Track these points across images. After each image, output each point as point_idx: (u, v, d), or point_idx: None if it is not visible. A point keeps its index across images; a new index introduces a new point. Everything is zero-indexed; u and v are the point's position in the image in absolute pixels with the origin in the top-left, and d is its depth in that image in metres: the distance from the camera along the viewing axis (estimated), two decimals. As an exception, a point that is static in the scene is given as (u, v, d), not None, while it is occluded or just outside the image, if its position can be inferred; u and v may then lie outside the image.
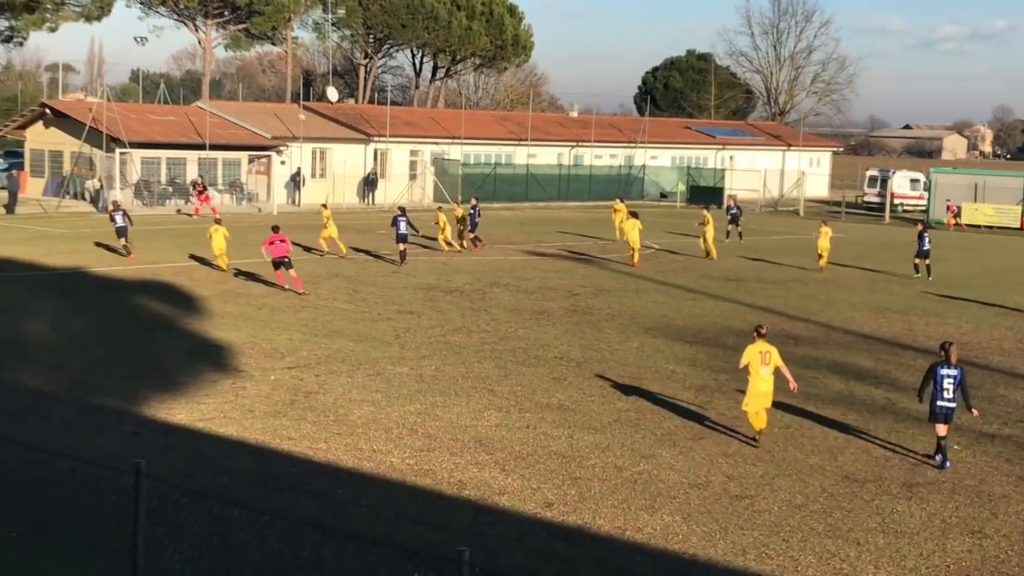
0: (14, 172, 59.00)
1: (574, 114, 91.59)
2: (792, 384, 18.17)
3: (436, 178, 70.60)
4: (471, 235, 44.15)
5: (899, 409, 20.59)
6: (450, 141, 72.42)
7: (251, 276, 34.01)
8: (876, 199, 77.15)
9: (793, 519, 14.66)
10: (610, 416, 19.41)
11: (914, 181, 78.89)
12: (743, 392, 18.48)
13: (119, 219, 38.07)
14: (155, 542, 11.45)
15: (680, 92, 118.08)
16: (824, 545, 13.84)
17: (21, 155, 67.22)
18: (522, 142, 75.98)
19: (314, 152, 66.80)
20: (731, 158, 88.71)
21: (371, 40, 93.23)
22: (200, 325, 26.33)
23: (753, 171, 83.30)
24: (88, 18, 64.85)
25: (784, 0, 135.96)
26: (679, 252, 45.81)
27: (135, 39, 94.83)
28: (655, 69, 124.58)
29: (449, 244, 43.15)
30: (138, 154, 58.14)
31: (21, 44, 74.03)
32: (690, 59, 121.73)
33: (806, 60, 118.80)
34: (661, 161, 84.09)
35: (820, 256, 40.98)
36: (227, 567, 12.11)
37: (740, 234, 50.14)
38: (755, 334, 18.56)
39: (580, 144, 79.89)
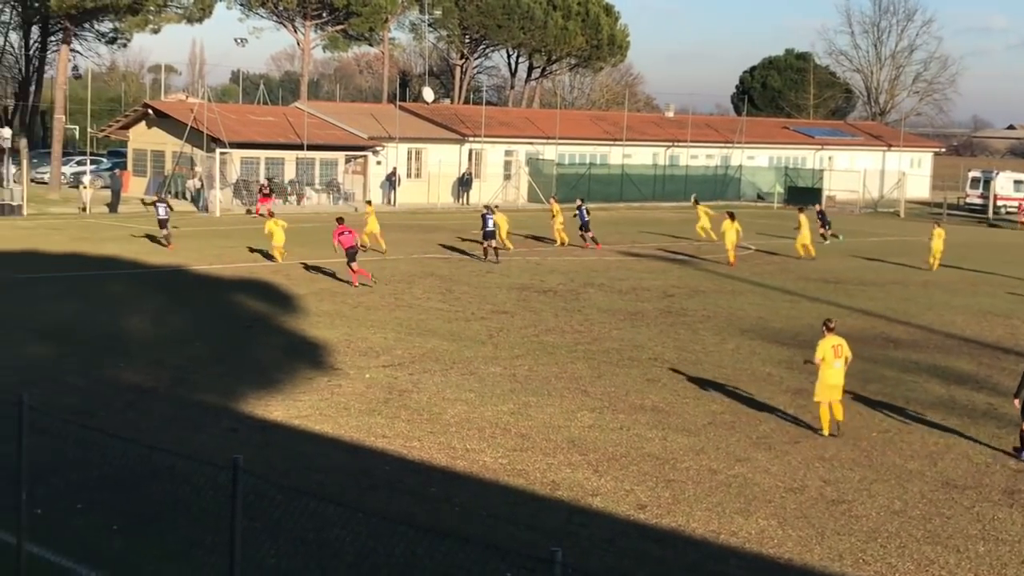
0: (117, 171, 60.18)
1: (670, 114, 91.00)
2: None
3: (530, 178, 70.63)
4: (589, 234, 44.58)
5: (1001, 414, 20.17)
6: (545, 141, 72.40)
7: (318, 270, 34.33)
8: (978, 201, 75.65)
9: (891, 525, 14.43)
10: (705, 418, 19.27)
11: (1018, 182, 77.15)
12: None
13: (161, 211, 39.90)
14: (252, 537, 11.59)
15: (778, 92, 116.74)
16: (923, 552, 13.61)
17: (124, 155, 68.54)
18: (617, 142, 75.70)
19: (409, 152, 67.21)
20: (830, 158, 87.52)
21: (467, 40, 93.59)
22: (296, 323, 26.63)
23: (852, 172, 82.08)
24: (190, 20, 65.82)
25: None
26: (776, 253, 45.32)
27: (235, 40, 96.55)
28: (753, 68, 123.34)
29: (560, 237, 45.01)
30: (238, 154, 58.96)
31: (125, 46, 75.49)
32: (789, 58, 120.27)
33: (907, 59, 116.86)
34: (758, 161, 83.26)
35: (933, 258, 40.65)
36: (322, 563, 12.23)
37: (824, 235, 49.33)
38: (824, 329, 19.03)
39: (676, 144, 79.41)
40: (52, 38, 72.68)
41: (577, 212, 45.25)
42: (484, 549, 11.17)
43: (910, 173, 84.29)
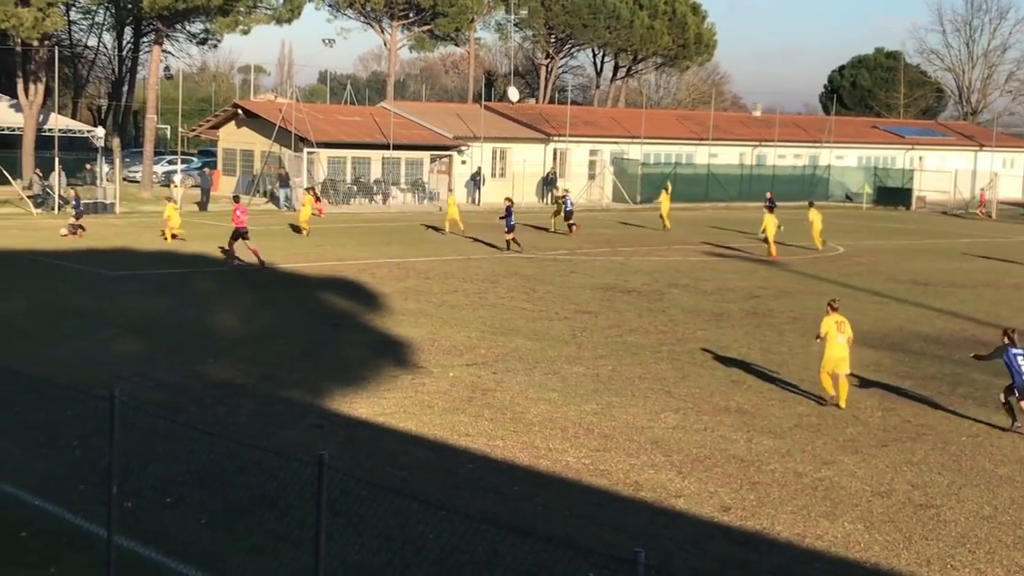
0: (207, 170, 61.04)
1: (757, 113, 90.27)
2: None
3: (615, 178, 70.46)
4: (572, 223, 47.92)
5: (1096, 420, 19.72)
6: (630, 141, 72.21)
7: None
8: (1073, 201, 74.13)
9: (980, 530, 14.19)
10: (790, 421, 19.10)
11: (1115, 183, 75.53)
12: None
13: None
14: (336, 533, 11.69)
15: (868, 91, 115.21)
16: (1012, 558, 13.36)
17: (214, 154, 69.51)
18: (703, 142, 75.27)
19: (494, 152, 67.38)
20: (920, 159, 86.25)
21: (552, 40, 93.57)
22: (381, 321, 26.82)
23: (943, 172, 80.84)
24: (279, 21, 66.52)
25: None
26: (864, 254, 44.78)
27: (323, 41, 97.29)
28: (842, 67, 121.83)
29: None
30: (325, 154, 59.53)
31: (215, 46, 76.69)
32: (878, 57, 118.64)
33: (1000, 58, 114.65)
34: (847, 161, 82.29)
35: None
36: (405, 559, 12.30)
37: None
38: (828, 308, 21.02)
39: (763, 144, 78.76)
40: (144, 39, 73.95)
41: (562, 201, 48.91)
42: (566, 549, 11.16)
43: (1002, 173, 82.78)
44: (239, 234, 35.17)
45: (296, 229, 45.34)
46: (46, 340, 23.42)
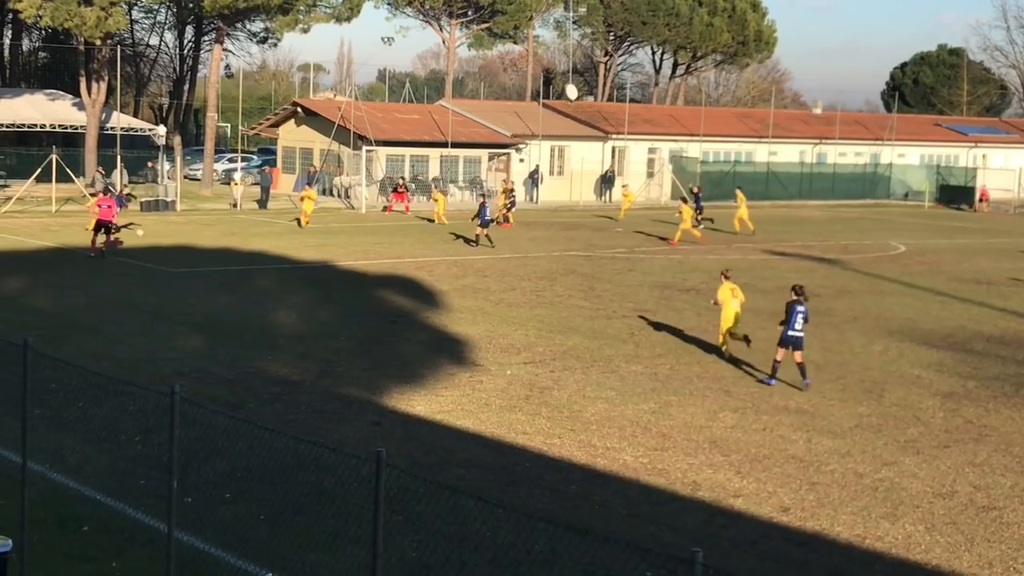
0: (267, 168, 61.49)
1: (818, 111, 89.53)
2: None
3: (674, 176, 70.18)
4: (699, 216, 49.34)
5: None
6: (689, 139, 71.88)
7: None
8: None
9: (1045, 534, 13.98)
10: (850, 421, 18.91)
11: None
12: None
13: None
14: (394, 529, 11.72)
15: (930, 88, 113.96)
16: (1079, 563, 13.15)
17: (274, 152, 69.99)
18: (763, 139, 74.76)
19: (552, 150, 67.32)
20: (984, 156, 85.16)
21: (611, 38, 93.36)
22: (439, 319, 26.87)
23: (1007, 170, 79.75)
24: (338, 19, 66.85)
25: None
26: (926, 253, 44.30)
27: (382, 39, 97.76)
28: (904, 64, 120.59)
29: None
30: (383, 152, 59.77)
31: (275, 45, 77.12)
32: (941, 54, 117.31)
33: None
34: (909, 159, 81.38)
35: None
36: (462, 557, 12.31)
37: (699, 220, 49.86)
38: (723, 277, 23.92)
39: (824, 141, 78.10)
40: (205, 38, 74.63)
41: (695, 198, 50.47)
42: (624, 548, 11.11)
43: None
44: (101, 225, 35.35)
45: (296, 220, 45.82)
46: (108, 336, 23.70)
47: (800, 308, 21.14)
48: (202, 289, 30.27)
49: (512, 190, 52.28)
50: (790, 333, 21.04)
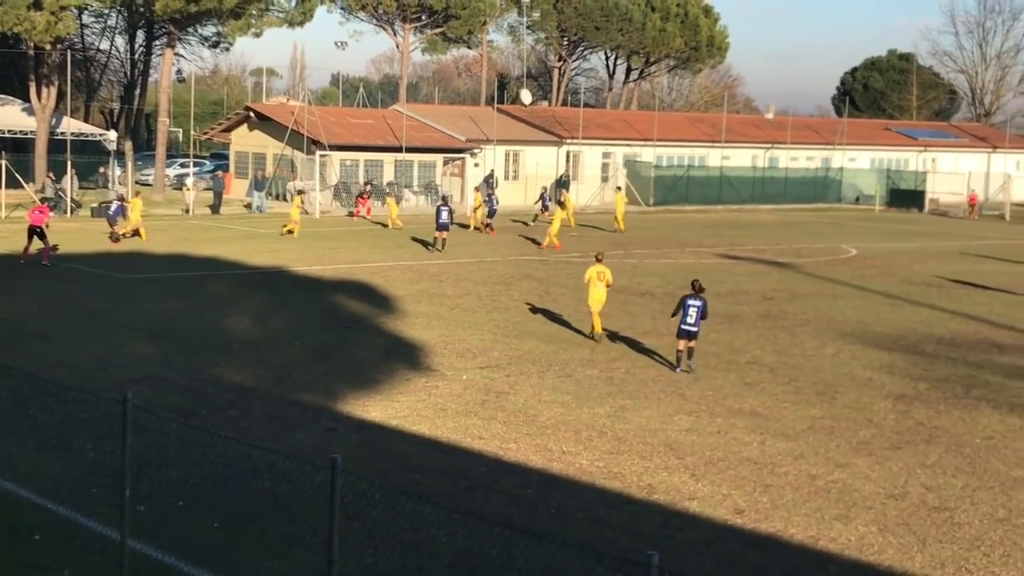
0: (219, 173, 61.15)
1: (770, 115, 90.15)
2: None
3: (628, 180, 70.44)
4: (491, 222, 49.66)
5: (1112, 423, 19.65)
6: (643, 143, 72.18)
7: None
8: (1087, 203, 73.86)
9: (994, 533, 14.14)
10: (804, 423, 19.05)
11: None
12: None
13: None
14: (349, 536, 11.68)
15: (880, 93, 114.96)
16: (1029, 562, 13.31)
17: (226, 157, 69.61)
18: (716, 144, 75.20)
19: (507, 154, 67.39)
20: (933, 160, 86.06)
21: (565, 43, 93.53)
22: (395, 324, 26.82)
23: (956, 174, 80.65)
24: (291, 24, 66.60)
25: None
26: (877, 257, 44.69)
27: (335, 44, 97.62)
28: (854, 69, 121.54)
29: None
30: (337, 156, 59.60)
31: (227, 49, 76.54)
32: (891, 59, 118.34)
33: (1014, 59, 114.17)
34: (860, 163, 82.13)
35: None
36: (419, 563, 12.29)
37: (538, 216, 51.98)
38: (595, 259, 26.39)
39: (776, 146, 78.65)
40: (156, 42, 73.98)
41: (487, 200, 50.49)
42: (580, 552, 11.14)
43: (1016, 175, 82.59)
44: (34, 231, 35.02)
45: (289, 231, 45.27)
46: (60, 343, 23.48)
47: (693, 303, 22.34)
48: (155, 295, 30.06)
49: (490, 196, 51.81)
50: (683, 326, 22.33)
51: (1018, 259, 40.89)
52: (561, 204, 46.55)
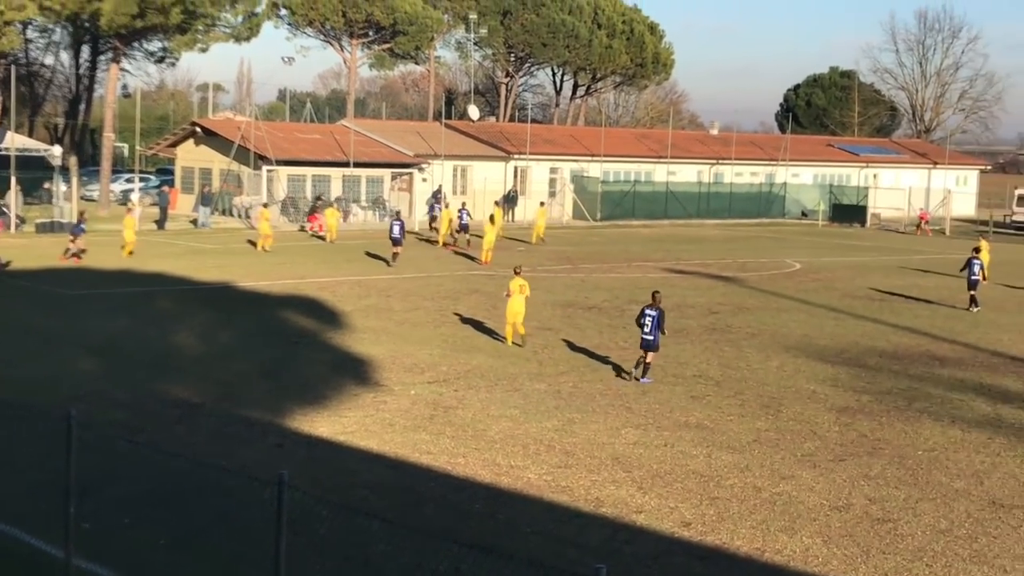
0: (165, 189, 60.71)
1: (714, 131, 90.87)
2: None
3: (575, 195, 70.72)
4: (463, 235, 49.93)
5: (1050, 434, 19.98)
6: (589, 159, 72.49)
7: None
8: (1025, 219, 74.95)
9: (937, 544, 14.33)
10: (749, 436, 19.21)
11: (1065, 201, 76.41)
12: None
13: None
14: (297, 553, 11.65)
15: (823, 109, 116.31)
16: (969, 572, 13.51)
17: (172, 173, 69.13)
18: (662, 160, 75.67)
19: (455, 169, 67.42)
20: (875, 176, 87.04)
21: (512, 59, 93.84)
22: (342, 339, 26.77)
23: (898, 189, 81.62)
24: (238, 39, 66.33)
25: (930, 16, 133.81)
26: (820, 271, 45.13)
27: (282, 59, 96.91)
28: (797, 86, 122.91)
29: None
30: (284, 171, 59.36)
31: (173, 65, 76.08)
32: (833, 76, 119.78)
33: (953, 77, 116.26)
34: (803, 179, 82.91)
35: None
36: (366, 578, 12.28)
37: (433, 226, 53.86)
38: (514, 272, 27.12)
39: (720, 162, 79.26)
40: (102, 57, 73.48)
41: (460, 213, 50.83)
42: (528, 566, 11.18)
43: (956, 191, 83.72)
44: None
45: (254, 244, 45.14)
46: (3, 359, 23.22)
47: (649, 312, 22.81)
48: (100, 311, 29.80)
49: (461, 211, 51.39)
50: (642, 336, 22.85)
51: (958, 274, 41.29)
52: (491, 219, 46.04)
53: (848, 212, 76.11)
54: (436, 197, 64.70)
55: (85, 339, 25.88)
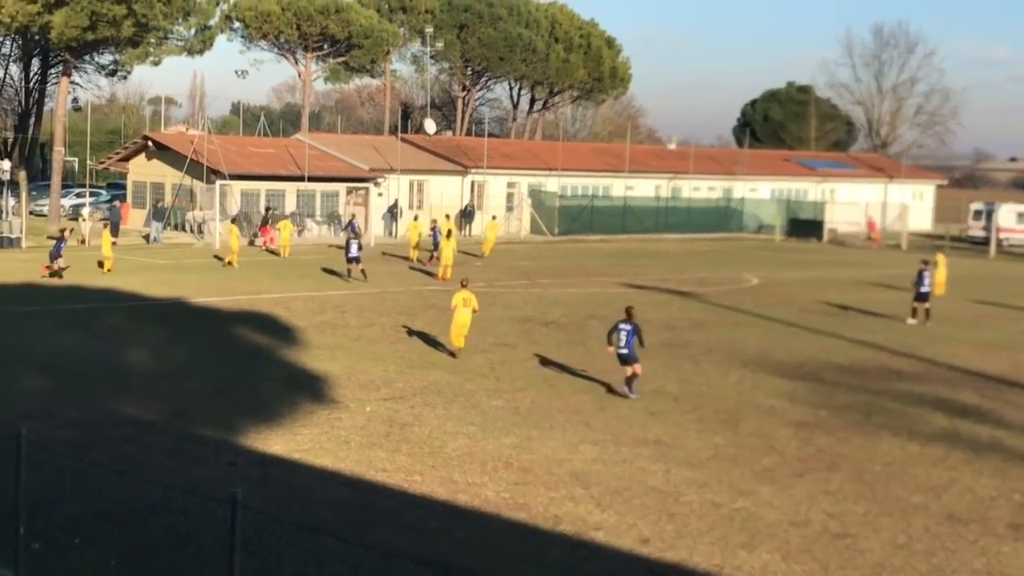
0: (116, 203, 60.17)
1: (672, 146, 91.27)
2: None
3: (533, 210, 70.73)
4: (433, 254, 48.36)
5: (1006, 447, 20.06)
6: (547, 173, 72.56)
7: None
8: (981, 233, 75.64)
9: (895, 559, 14.30)
10: (707, 452, 19.15)
11: (1021, 215, 77.21)
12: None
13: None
14: (251, 572, 11.45)
15: (780, 124, 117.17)
16: (929, 588, 13.47)
17: (123, 187, 68.58)
18: (620, 174, 75.85)
19: (411, 184, 67.28)
20: (832, 191, 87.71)
21: (469, 73, 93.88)
22: (297, 356, 26.53)
23: (854, 204, 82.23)
24: (190, 52, 65.89)
25: (886, 31, 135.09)
26: (778, 286, 45.28)
27: (236, 73, 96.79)
28: (754, 101, 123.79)
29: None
30: (238, 186, 58.99)
31: (125, 78, 75.45)
32: (790, 91, 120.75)
33: (909, 91, 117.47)
34: (760, 193, 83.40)
35: (938, 285, 40.77)
36: (321, 599, 12.09)
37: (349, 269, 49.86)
38: (461, 285, 27.59)
39: (678, 176, 79.55)
40: (52, 70, 72.79)
41: (432, 233, 50.19)
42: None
43: (912, 205, 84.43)
44: None
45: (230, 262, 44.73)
46: (-50, 377, 22.84)
47: (623, 327, 23.01)
48: (49, 328, 29.41)
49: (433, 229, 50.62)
50: (618, 352, 23.04)
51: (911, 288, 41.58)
52: (449, 234, 45.44)
53: (805, 227, 76.55)
54: (391, 211, 64.56)
55: (35, 356, 25.51)
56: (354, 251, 41.64)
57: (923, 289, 35.62)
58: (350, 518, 14.96)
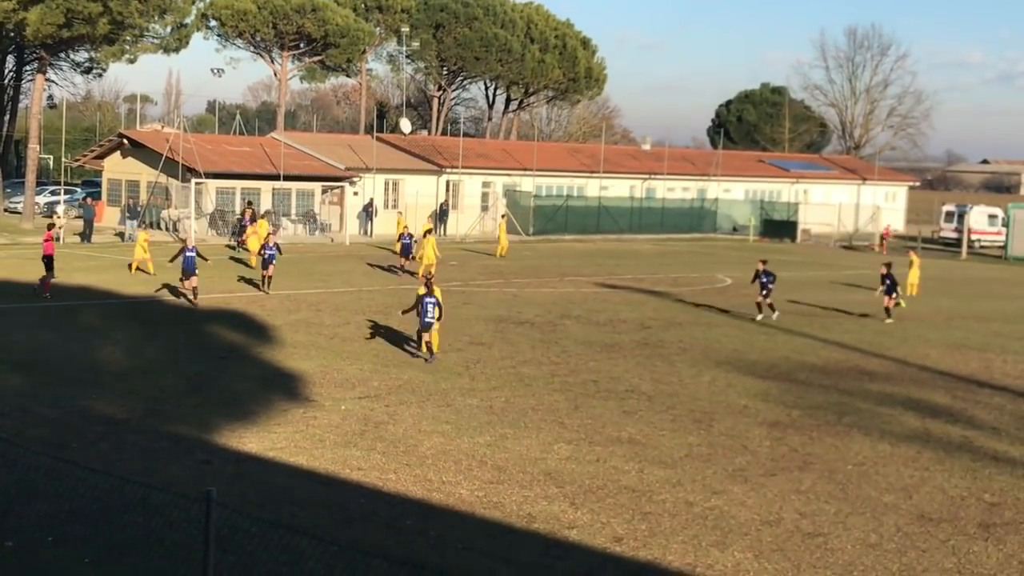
0: (90, 201, 59.88)
1: (647, 147, 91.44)
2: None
3: (508, 210, 70.77)
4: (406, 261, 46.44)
5: (976, 447, 20.22)
6: (522, 173, 72.62)
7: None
8: (953, 234, 76.17)
9: (867, 558, 14.40)
10: (681, 451, 19.24)
11: (992, 216, 77.78)
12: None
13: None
14: (225, 570, 11.47)
15: (754, 125, 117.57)
16: (899, 586, 13.58)
17: (98, 185, 68.26)
18: (594, 174, 75.98)
19: (387, 183, 67.25)
20: (805, 192, 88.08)
21: (445, 72, 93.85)
22: (272, 354, 26.50)
23: (828, 205, 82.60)
24: (166, 50, 65.71)
25: (860, 34, 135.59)
26: (751, 286, 45.44)
27: (212, 71, 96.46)
28: (729, 102, 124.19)
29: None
30: (213, 184, 58.83)
31: (100, 75, 75.30)
32: (764, 92, 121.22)
33: (882, 94, 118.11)
34: (734, 194, 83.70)
35: (911, 286, 41.08)
36: (295, 597, 12.11)
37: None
38: (424, 284, 27.67)
39: (653, 177, 79.73)
40: (27, 67, 72.54)
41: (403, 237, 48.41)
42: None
43: (885, 207, 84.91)
44: None
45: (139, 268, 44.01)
46: (-78, 375, 22.73)
47: (429, 300, 26.17)
48: (23, 325, 29.28)
49: (412, 233, 49.52)
50: (424, 320, 26.21)
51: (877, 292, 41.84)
52: (426, 235, 44.77)
53: (779, 227, 76.88)
54: (367, 210, 64.50)
55: (8, 354, 25.39)
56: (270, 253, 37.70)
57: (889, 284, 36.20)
58: (324, 516, 14.97)
